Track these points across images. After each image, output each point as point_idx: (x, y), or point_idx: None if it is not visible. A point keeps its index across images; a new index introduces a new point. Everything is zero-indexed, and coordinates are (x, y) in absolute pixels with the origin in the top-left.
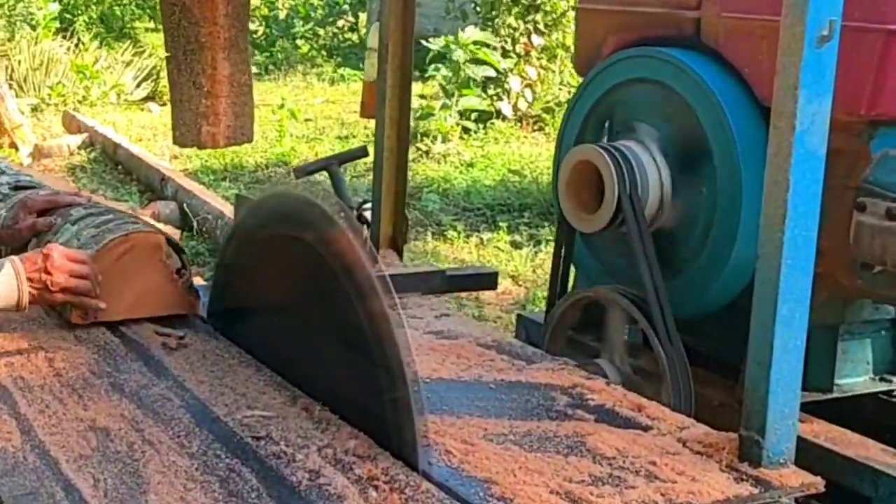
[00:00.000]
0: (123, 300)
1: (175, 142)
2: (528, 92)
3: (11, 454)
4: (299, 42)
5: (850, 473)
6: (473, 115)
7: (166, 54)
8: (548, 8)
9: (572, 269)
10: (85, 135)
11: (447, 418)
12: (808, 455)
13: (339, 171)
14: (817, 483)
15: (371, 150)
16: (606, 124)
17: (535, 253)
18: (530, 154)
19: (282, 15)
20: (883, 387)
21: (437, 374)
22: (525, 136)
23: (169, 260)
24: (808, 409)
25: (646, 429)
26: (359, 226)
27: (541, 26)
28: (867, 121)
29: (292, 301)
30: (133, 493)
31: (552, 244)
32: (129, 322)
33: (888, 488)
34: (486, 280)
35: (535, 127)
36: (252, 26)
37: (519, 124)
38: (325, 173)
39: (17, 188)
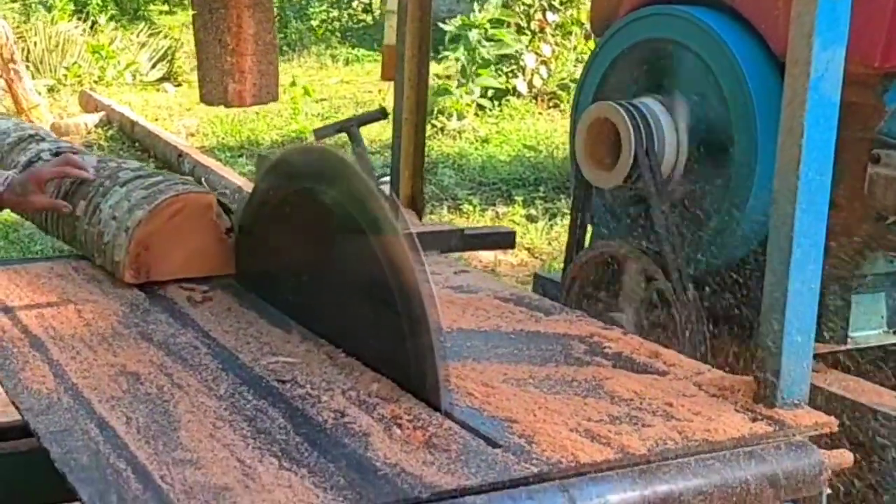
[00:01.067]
0: (174, 260)
1: (202, 100)
2: (542, 69)
3: (45, 395)
4: (314, 23)
5: (864, 420)
6: (489, 93)
7: (192, 12)
8: None
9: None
10: (102, 113)
11: (468, 364)
12: (822, 402)
13: (358, 133)
14: (831, 423)
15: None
16: (623, 82)
17: (551, 226)
18: (546, 130)
19: None
20: None
21: (457, 325)
22: (540, 113)
23: (219, 220)
24: (823, 360)
25: (662, 374)
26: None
27: (556, 3)
28: (881, 73)
29: (317, 256)
30: (164, 430)
31: (568, 217)
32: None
33: None
34: (505, 239)
35: (551, 104)
36: None
37: (534, 101)
38: (344, 136)
39: (58, 153)
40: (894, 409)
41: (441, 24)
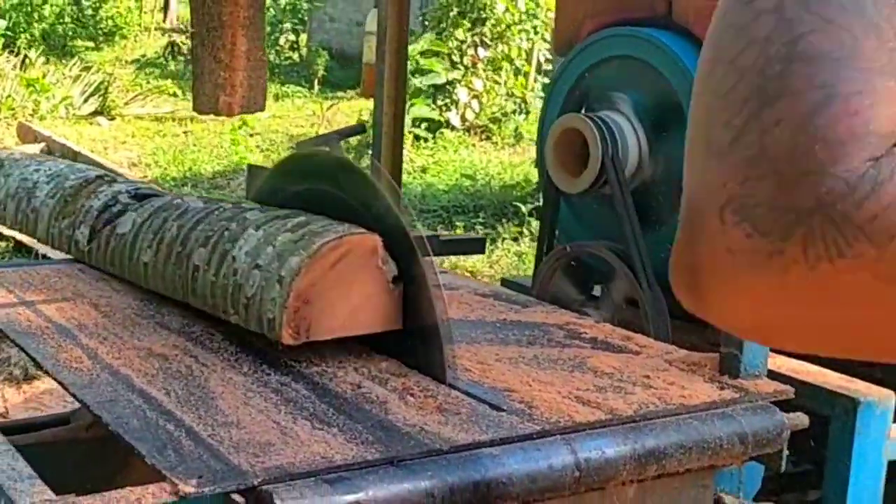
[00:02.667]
0: (338, 314)
1: (195, 109)
2: (475, 102)
3: (86, 372)
4: None
5: (810, 396)
6: (423, 125)
7: (191, 30)
8: (493, 21)
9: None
10: (42, 144)
11: (461, 346)
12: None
13: (339, 147)
14: (787, 391)
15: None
16: (588, 97)
17: (492, 251)
18: (481, 160)
19: None
20: None
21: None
22: (474, 145)
23: (385, 266)
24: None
25: (636, 353)
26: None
27: (487, 39)
28: None
29: None
30: (203, 399)
31: (507, 242)
32: None
33: (843, 407)
34: (476, 245)
35: (483, 136)
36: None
37: (467, 133)
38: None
39: (138, 196)
40: (837, 388)
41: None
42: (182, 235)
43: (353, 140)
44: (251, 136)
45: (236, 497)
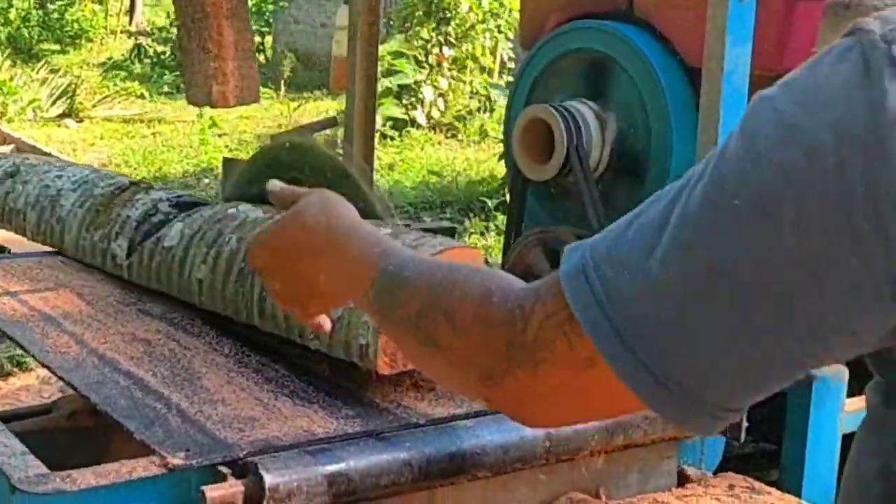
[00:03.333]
0: None
1: (189, 101)
2: (440, 101)
3: (73, 357)
4: None
5: None
6: (389, 123)
7: (176, 23)
8: (458, 21)
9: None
10: (12, 146)
11: None
12: None
13: (313, 139)
14: None
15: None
16: (553, 88)
17: None
18: (447, 157)
19: None
20: None
21: None
22: (440, 142)
23: None
24: None
25: None
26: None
27: (452, 38)
28: (776, 76)
29: None
30: (189, 380)
31: (475, 236)
32: None
33: (798, 383)
34: (447, 233)
35: (449, 134)
36: (160, 47)
37: (433, 131)
38: None
39: (179, 205)
40: None
41: None
42: (243, 248)
43: (324, 135)
44: (220, 136)
45: (223, 468)
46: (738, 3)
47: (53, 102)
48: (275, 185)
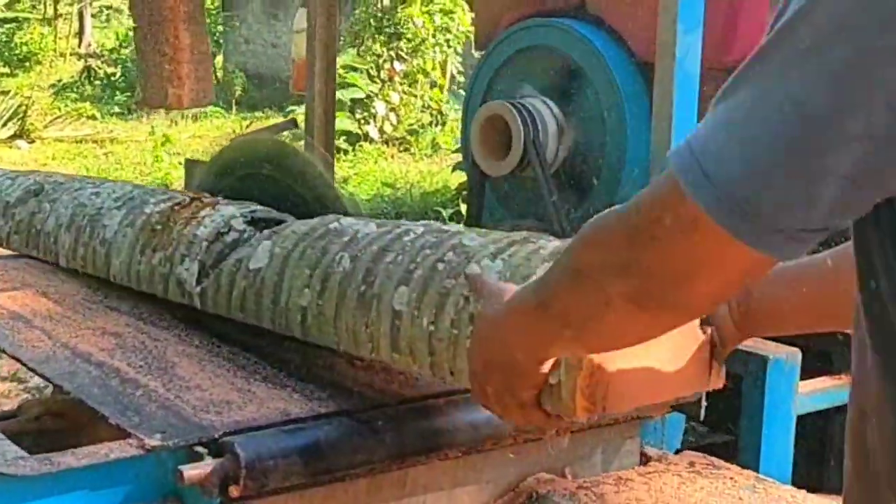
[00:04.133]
0: (639, 377)
1: (145, 104)
2: (392, 115)
3: (43, 350)
4: None
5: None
6: (343, 138)
7: (133, 26)
8: (409, 35)
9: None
10: None
11: None
12: None
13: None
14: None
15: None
16: (510, 85)
17: None
18: (400, 170)
19: None
20: None
21: None
22: (392, 156)
23: None
24: None
25: None
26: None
27: (403, 53)
28: (724, 68)
29: None
30: (163, 368)
31: None
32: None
33: (754, 365)
34: None
35: (401, 148)
36: (111, 69)
37: (385, 145)
38: None
39: (255, 221)
40: (748, 348)
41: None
42: (361, 270)
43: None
44: (173, 154)
45: (199, 449)
46: None
47: (4, 124)
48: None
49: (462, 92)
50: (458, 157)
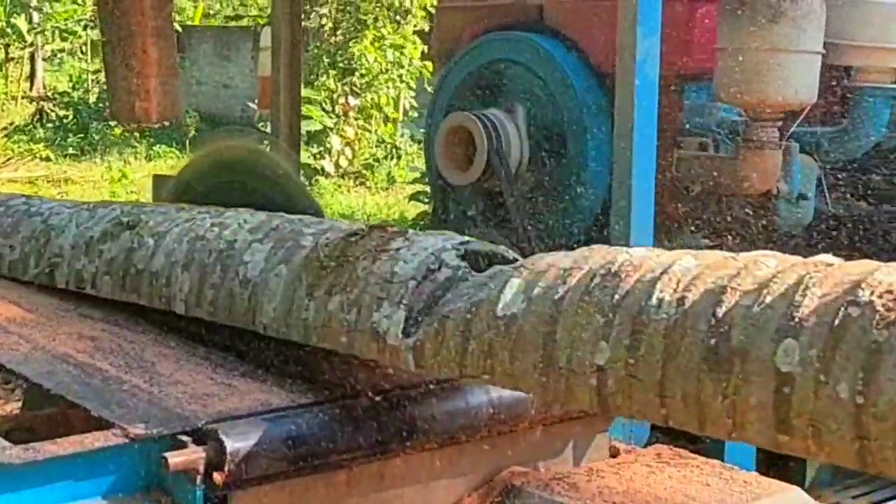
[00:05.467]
0: None
1: (112, 117)
2: (347, 150)
3: (21, 353)
4: (112, 123)
5: None
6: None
7: (102, 40)
8: (363, 71)
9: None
10: None
11: None
12: None
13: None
14: None
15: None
16: (472, 97)
17: None
18: (357, 203)
19: (92, 98)
20: None
21: None
22: (349, 190)
23: None
24: None
25: None
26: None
27: (357, 88)
28: (679, 76)
29: None
30: (144, 367)
31: None
32: None
33: None
34: None
35: (357, 182)
36: (63, 111)
37: (342, 179)
38: None
39: (469, 254)
40: None
41: (250, 104)
42: (704, 315)
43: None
44: (130, 192)
45: (183, 437)
46: None
47: None
48: None
49: (415, 126)
50: (415, 188)
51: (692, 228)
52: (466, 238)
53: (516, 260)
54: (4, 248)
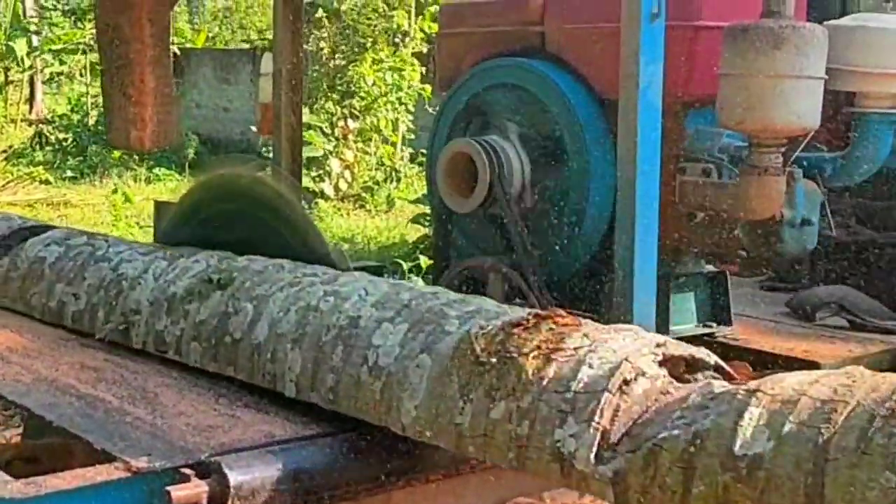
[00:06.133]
0: None
1: (109, 144)
2: (347, 173)
3: (24, 384)
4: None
5: None
6: None
7: (101, 68)
8: (362, 94)
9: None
10: None
11: None
12: None
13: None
14: None
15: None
16: (473, 123)
17: None
18: (357, 225)
19: (91, 121)
20: (705, 330)
21: None
22: (348, 212)
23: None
24: None
25: None
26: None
27: (356, 111)
28: (681, 102)
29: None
30: (147, 398)
31: None
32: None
33: None
34: (377, 272)
35: (357, 205)
36: (62, 134)
37: (341, 202)
38: None
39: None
40: None
41: (253, 128)
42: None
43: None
44: (130, 216)
45: (186, 470)
46: (650, 24)
47: None
48: None
49: (414, 149)
50: (415, 209)
51: (696, 254)
52: (661, 338)
53: (719, 366)
54: (67, 297)
